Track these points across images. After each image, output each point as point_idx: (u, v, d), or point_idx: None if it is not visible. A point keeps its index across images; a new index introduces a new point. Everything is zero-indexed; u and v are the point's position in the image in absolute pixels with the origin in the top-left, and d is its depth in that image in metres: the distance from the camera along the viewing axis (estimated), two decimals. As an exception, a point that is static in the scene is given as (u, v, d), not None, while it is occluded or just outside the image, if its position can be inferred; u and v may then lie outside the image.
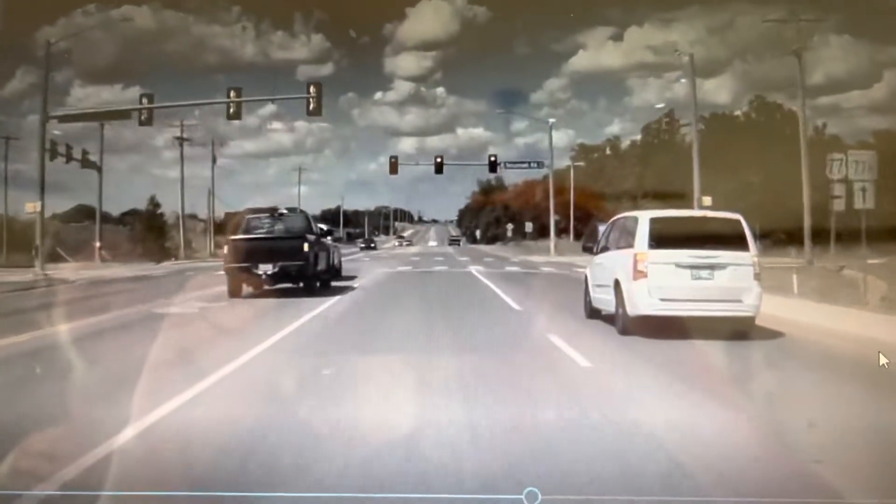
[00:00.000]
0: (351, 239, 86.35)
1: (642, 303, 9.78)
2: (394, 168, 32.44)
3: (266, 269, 15.14)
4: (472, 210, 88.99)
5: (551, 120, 34.84)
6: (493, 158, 33.10)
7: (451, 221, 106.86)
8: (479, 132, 56.93)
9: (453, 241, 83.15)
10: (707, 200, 22.77)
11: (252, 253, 15.30)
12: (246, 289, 15.76)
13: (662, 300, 9.74)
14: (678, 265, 9.81)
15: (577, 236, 36.75)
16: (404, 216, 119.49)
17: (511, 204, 71.36)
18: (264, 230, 16.35)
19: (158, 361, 7.56)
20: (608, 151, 41.71)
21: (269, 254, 15.22)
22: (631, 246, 10.16)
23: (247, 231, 16.44)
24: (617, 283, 10.31)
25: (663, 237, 9.97)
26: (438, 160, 32.03)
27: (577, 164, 38.10)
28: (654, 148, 33.02)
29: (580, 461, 4.71)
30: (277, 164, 54.34)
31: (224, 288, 15.42)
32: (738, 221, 10.22)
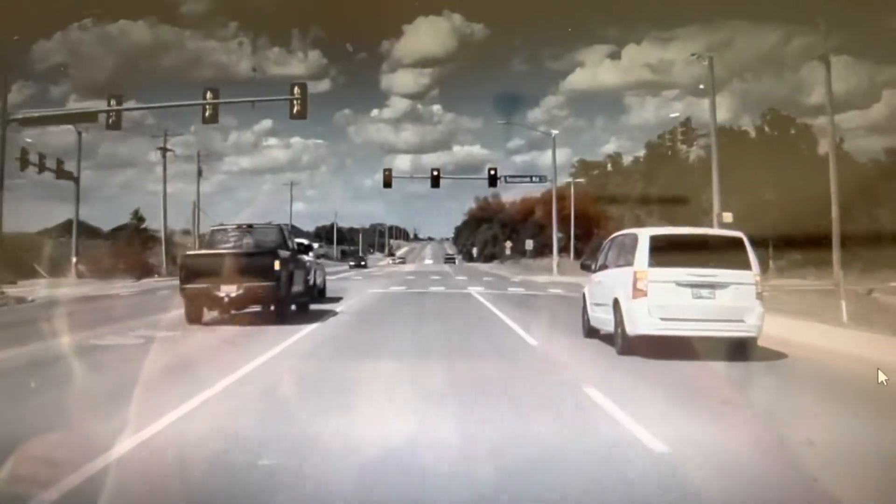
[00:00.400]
0: (345, 256, 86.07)
1: (642, 322, 9.63)
2: (387, 181, 32.98)
3: (229, 290, 12.73)
4: (469, 227, 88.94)
5: (554, 132, 34.43)
6: (493, 172, 33.01)
7: (448, 239, 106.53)
8: (475, 149, 57.19)
9: (448, 259, 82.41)
10: (728, 217, 21.93)
11: (212, 271, 12.81)
12: (213, 312, 13.62)
13: (663, 319, 9.58)
14: (679, 284, 9.67)
15: (578, 255, 36.41)
16: (400, 233, 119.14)
17: (509, 221, 71.43)
18: (229, 245, 14.01)
19: (19, 432, 4.87)
20: (609, 168, 41.63)
21: (232, 272, 12.72)
22: (630, 264, 10.03)
23: (209, 246, 14.21)
24: (616, 303, 10.17)
25: (664, 255, 9.85)
26: (435, 173, 31.91)
27: (577, 180, 37.84)
28: (659, 163, 32.83)
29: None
30: (273, 181, 53.46)
31: (188, 311, 13.24)
32: (740, 240, 10.11)
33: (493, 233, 79.57)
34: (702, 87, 23.81)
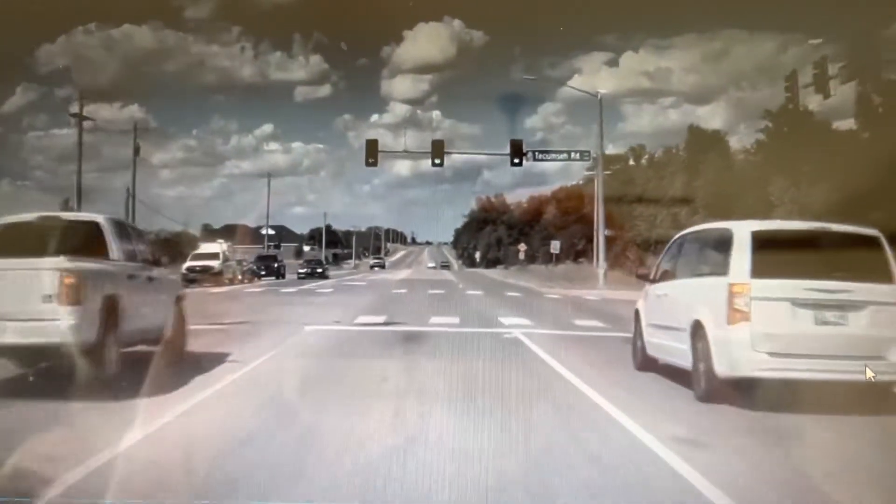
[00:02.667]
0: (337, 260, 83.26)
1: (742, 358, 6.96)
2: (372, 154, 28.33)
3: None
4: (471, 230, 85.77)
5: (601, 91, 30.77)
6: (520, 148, 27.81)
7: (446, 243, 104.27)
8: (473, 156, 57.68)
9: (444, 266, 78.56)
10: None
11: None
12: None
13: (772, 355, 6.90)
14: (795, 303, 6.98)
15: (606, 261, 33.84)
16: (397, 237, 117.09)
17: (516, 223, 68.39)
18: None
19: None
20: (631, 162, 39.03)
21: None
22: (722, 272, 7.34)
23: None
24: (698, 328, 7.48)
25: (771, 260, 7.16)
26: (438, 159, 27.28)
27: (605, 172, 34.77)
28: (705, 151, 29.87)
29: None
30: (273, 185, 54.62)
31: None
32: (875, 239, 7.41)
33: (498, 235, 76.79)
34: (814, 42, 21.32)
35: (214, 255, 34.95)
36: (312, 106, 57.80)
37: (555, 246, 36.38)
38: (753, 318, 6.96)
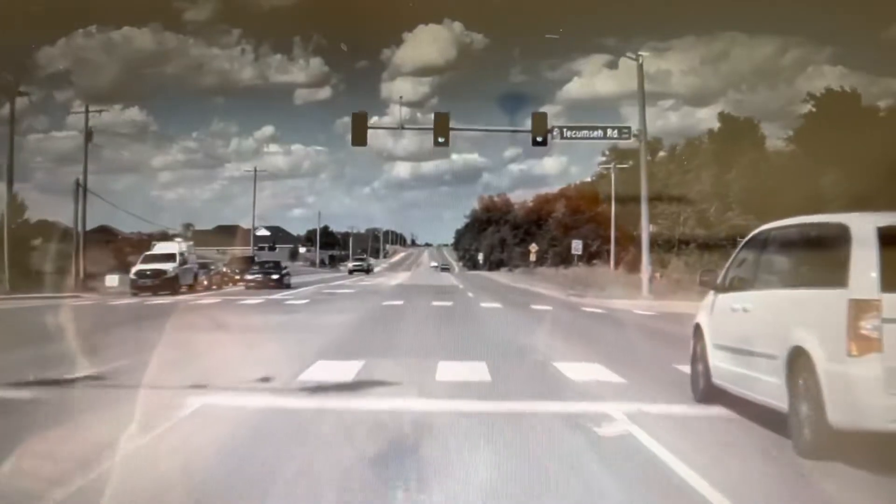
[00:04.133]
0: (334, 262, 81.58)
1: (870, 404, 5.18)
2: (359, 132, 24.60)
3: None
4: (472, 231, 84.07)
5: (642, 54, 28.09)
6: (544, 123, 25.02)
7: (446, 245, 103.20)
8: (473, 157, 59.51)
9: (444, 269, 77.10)
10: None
11: None
12: None
13: None
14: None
15: (620, 265, 31.72)
16: (397, 239, 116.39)
17: (521, 223, 66.63)
18: None
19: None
20: (648, 156, 37.34)
21: None
22: (833, 283, 5.56)
23: None
24: (797, 356, 5.72)
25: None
26: (442, 136, 24.28)
27: (621, 165, 32.93)
28: (736, 143, 27.83)
29: None
30: (273, 187, 55.72)
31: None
32: None
33: (502, 236, 75.24)
34: None
35: (169, 257, 30.93)
36: (312, 108, 58.88)
37: (576, 246, 33.79)
38: (886, 347, 5.22)
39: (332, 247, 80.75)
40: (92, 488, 4.47)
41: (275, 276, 33.39)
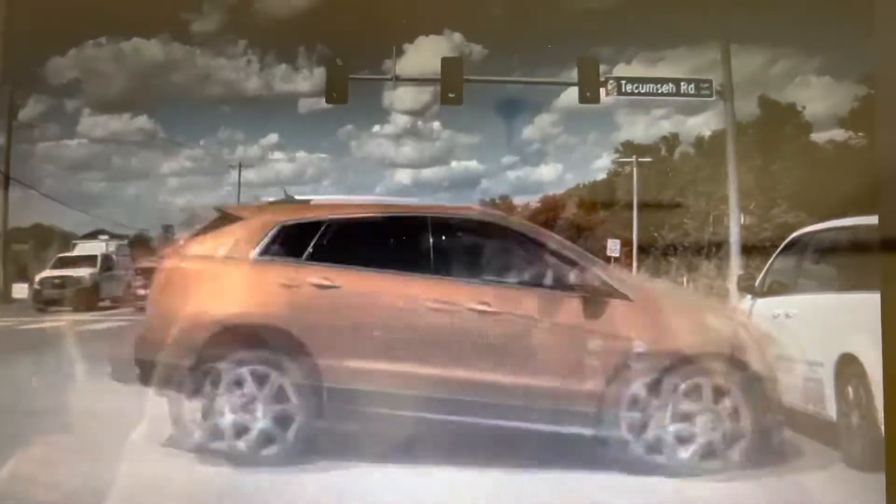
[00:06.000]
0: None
1: None
2: (337, 84, 20.10)
3: None
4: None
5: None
6: (595, 73, 21.77)
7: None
8: (472, 165, 58.92)
9: None
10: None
11: None
12: None
13: None
14: None
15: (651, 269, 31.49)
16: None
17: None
18: None
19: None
20: (664, 152, 37.24)
21: None
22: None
23: None
24: (846, 362, 5.73)
25: None
26: (454, 92, 20.06)
27: (643, 159, 32.99)
28: (780, 128, 27.08)
29: None
30: (277, 193, 57.67)
31: None
32: None
33: (507, 240, 75.43)
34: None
35: (88, 261, 25.51)
36: (316, 116, 58.88)
37: (613, 247, 32.67)
38: None
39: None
40: None
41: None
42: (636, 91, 20.97)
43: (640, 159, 33.40)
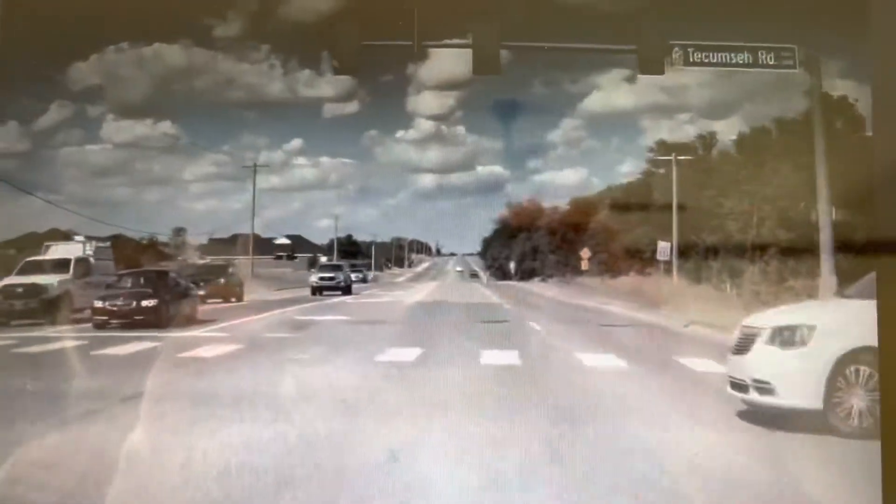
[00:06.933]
0: (356, 271, 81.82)
1: None
2: (346, 52, 18.42)
3: None
4: (501, 238, 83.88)
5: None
6: (662, 39, 18.85)
7: (472, 254, 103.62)
8: (497, 170, 61.37)
9: (473, 275, 78.22)
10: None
11: None
12: None
13: None
14: None
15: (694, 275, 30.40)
16: (422, 248, 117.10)
17: (557, 228, 66.18)
18: None
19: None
20: (700, 151, 37.02)
21: None
22: None
23: None
24: None
25: None
26: (486, 63, 17.78)
27: (682, 157, 32.53)
28: (832, 122, 26.27)
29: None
30: (301, 199, 58.52)
31: None
32: None
33: (534, 243, 74.98)
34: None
35: (60, 266, 22.51)
36: (340, 121, 61.36)
37: (663, 250, 31.40)
38: None
39: (354, 256, 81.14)
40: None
41: (337, 280, 26.99)
42: (706, 60, 19.44)
43: (679, 157, 33.12)
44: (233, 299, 29.98)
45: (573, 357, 14.93)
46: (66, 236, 25.80)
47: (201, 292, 26.42)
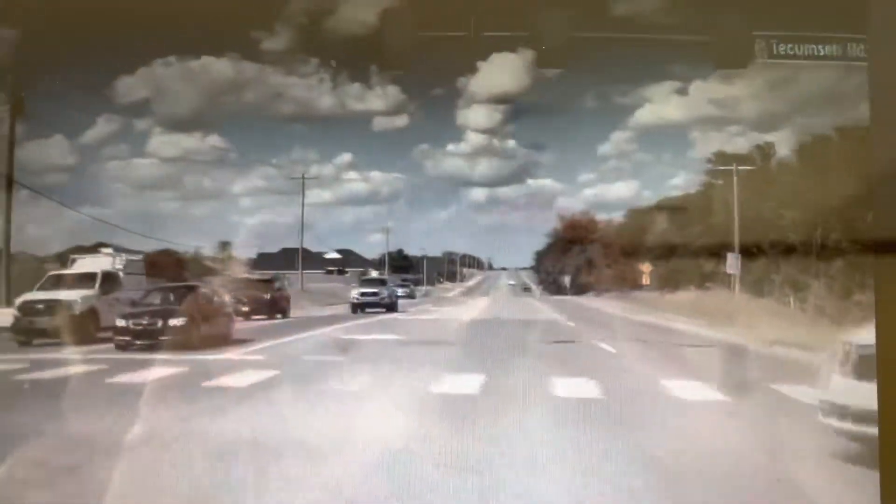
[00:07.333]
0: (401, 286, 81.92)
1: None
2: (398, 47, 15.19)
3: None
4: (555, 253, 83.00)
5: None
6: (745, 31, 16.24)
7: (523, 269, 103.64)
8: (548, 183, 62.43)
9: (525, 290, 77.77)
10: None
11: None
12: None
13: None
14: None
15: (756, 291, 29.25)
16: (473, 262, 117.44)
17: (613, 241, 65.31)
18: None
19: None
20: (759, 162, 36.21)
21: None
22: None
23: None
24: None
25: None
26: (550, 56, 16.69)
27: (742, 167, 31.71)
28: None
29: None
30: (353, 213, 57.45)
31: None
32: None
33: (588, 256, 74.23)
34: None
35: (86, 280, 21.24)
36: (390, 135, 62.94)
37: (733, 263, 29.33)
38: None
39: (406, 270, 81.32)
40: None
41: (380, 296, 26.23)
42: (791, 53, 17.53)
43: (740, 167, 32.28)
44: (278, 315, 28.85)
45: (659, 386, 13.12)
46: (95, 249, 24.33)
47: (245, 308, 25.54)
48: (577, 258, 73.95)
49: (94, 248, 24.68)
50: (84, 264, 22.75)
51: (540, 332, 22.96)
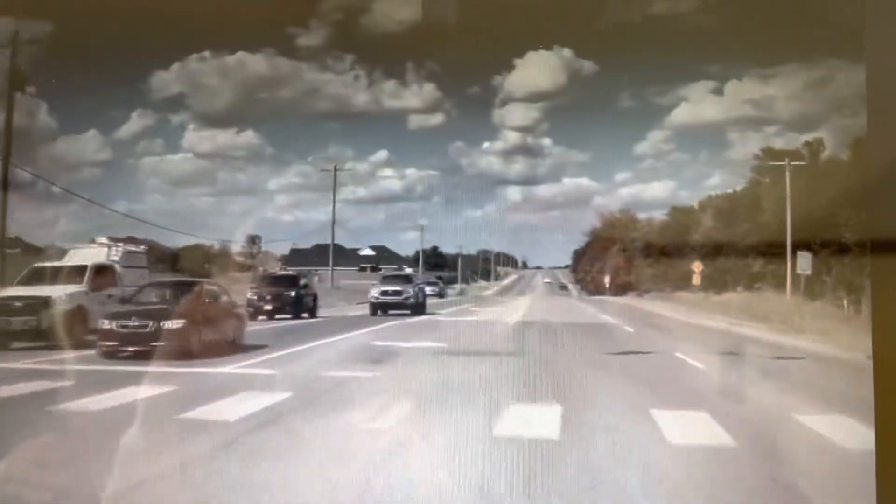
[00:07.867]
0: (430, 284, 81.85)
1: None
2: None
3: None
4: (594, 251, 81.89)
5: None
6: None
7: (559, 268, 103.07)
8: (584, 182, 62.78)
9: (562, 288, 76.94)
10: None
11: None
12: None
13: None
14: None
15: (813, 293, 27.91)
16: (508, 261, 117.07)
17: (656, 240, 64.00)
18: None
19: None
20: (808, 158, 35.07)
21: None
22: None
23: None
24: None
25: None
26: None
27: (796, 162, 30.50)
28: None
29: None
30: (387, 210, 57.91)
31: None
32: None
33: (628, 255, 73.07)
34: None
35: (73, 274, 18.50)
36: (425, 133, 63.56)
37: (804, 263, 27.00)
38: None
39: (441, 268, 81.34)
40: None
41: (402, 295, 23.24)
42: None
43: (792, 163, 31.08)
44: (304, 315, 26.22)
45: (797, 424, 9.67)
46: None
47: (268, 307, 23.45)
48: (617, 258, 72.88)
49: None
50: (76, 256, 19.97)
51: (598, 338, 20.01)
